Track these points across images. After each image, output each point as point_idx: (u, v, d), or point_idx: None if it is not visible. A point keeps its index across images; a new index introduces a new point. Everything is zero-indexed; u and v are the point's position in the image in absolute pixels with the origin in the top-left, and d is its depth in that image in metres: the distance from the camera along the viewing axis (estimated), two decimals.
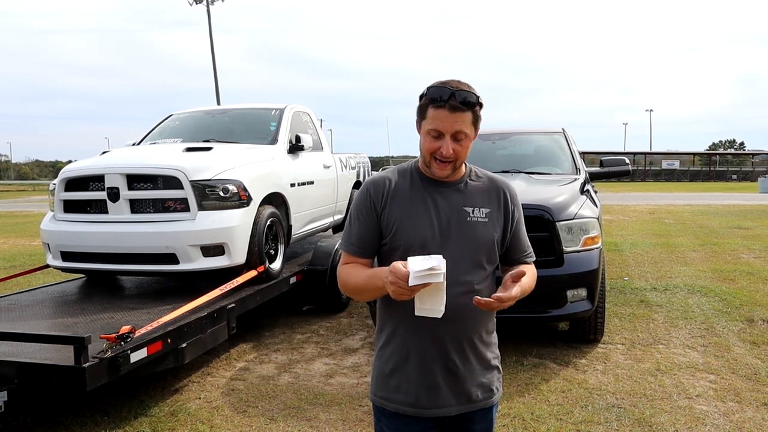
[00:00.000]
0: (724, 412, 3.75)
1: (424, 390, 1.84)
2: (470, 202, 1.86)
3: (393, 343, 1.88)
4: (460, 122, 1.75)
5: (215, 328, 4.39)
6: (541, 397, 4.03)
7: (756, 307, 6.14)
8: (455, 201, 1.86)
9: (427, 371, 1.83)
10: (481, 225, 1.85)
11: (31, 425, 3.81)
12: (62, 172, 5.14)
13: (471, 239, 1.83)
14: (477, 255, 1.84)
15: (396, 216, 1.84)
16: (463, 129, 1.76)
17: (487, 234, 1.85)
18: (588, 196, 5.23)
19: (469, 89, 1.76)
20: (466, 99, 1.74)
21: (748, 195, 28.00)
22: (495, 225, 1.87)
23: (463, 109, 1.74)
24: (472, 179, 1.91)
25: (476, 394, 1.88)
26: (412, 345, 1.84)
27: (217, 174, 4.86)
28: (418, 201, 1.85)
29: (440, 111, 1.74)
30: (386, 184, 1.89)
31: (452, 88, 1.74)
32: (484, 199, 1.88)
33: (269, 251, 5.39)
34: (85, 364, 3.20)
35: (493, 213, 1.88)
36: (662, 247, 10.62)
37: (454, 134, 1.76)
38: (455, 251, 1.80)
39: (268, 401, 4.11)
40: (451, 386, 1.85)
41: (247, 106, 7.08)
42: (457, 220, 1.83)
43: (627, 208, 20.13)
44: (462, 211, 1.84)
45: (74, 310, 4.60)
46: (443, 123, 1.75)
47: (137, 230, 4.77)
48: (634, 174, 55.34)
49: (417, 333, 1.83)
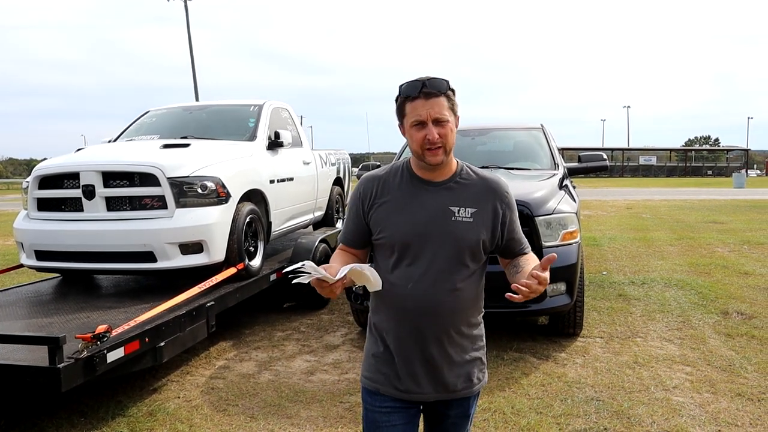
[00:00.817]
0: (700, 403, 3.81)
1: (403, 376, 1.93)
2: (457, 202, 1.90)
3: (379, 327, 1.99)
4: (437, 107, 1.82)
5: (194, 327, 4.34)
6: (521, 391, 4.06)
7: (730, 300, 6.24)
8: (442, 200, 1.90)
9: (407, 360, 1.92)
10: (464, 225, 1.88)
11: (4, 428, 3.74)
12: (36, 169, 5.05)
13: (454, 239, 1.87)
14: (459, 254, 1.88)
15: (382, 214, 1.93)
16: (442, 112, 1.83)
17: (471, 234, 1.88)
18: (566, 191, 5.26)
19: (438, 78, 1.85)
20: (436, 85, 1.83)
21: (722, 190, 28.49)
22: (481, 225, 1.90)
23: (436, 94, 1.82)
24: (463, 178, 1.95)
25: (455, 384, 1.95)
26: (395, 333, 1.93)
27: (194, 171, 4.81)
28: (404, 199, 1.92)
29: (416, 102, 1.83)
30: (376, 182, 1.97)
31: (422, 79, 1.84)
32: (472, 199, 1.92)
33: (249, 248, 5.35)
34: (60, 365, 3.13)
35: (479, 213, 1.91)
36: (640, 241, 10.75)
37: (435, 119, 1.82)
38: (437, 250, 1.87)
39: (249, 399, 4.09)
40: (430, 376, 1.92)
41: (225, 102, 7.02)
42: (441, 220, 1.88)
43: (605, 203, 20.35)
44: (447, 211, 1.89)
45: (49, 310, 4.52)
46: (422, 111, 1.82)
47: (114, 228, 4.70)
48: (612, 169, 55.97)
49: (399, 323, 1.92)
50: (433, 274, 1.87)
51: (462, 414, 2.04)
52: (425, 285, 1.87)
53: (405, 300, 1.89)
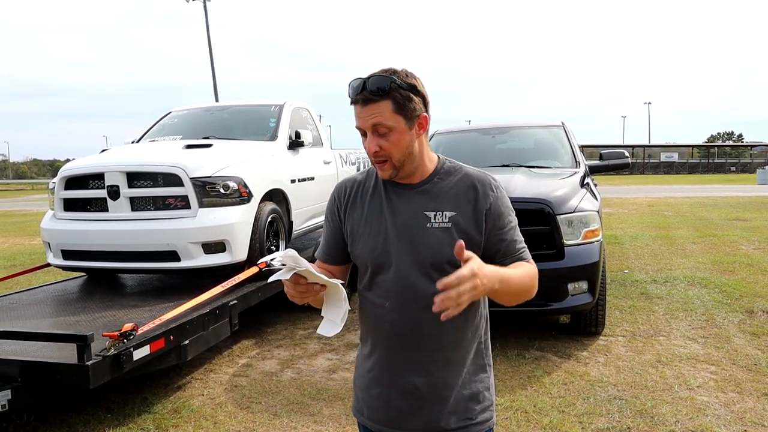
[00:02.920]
0: (724, 403, 3.77)
1: (385, 409, 1.68)
2: (432, 206, 1.61)
3: (362, 354, 1.76)
4: (375, 114, 1.53)
5: (217, 325, 4.40)
6: (543, 390, 4.05)
7: (756, 298, 6.15)
8: (415, 204, 1.63)
9: (386, 390, 1.67)
10: (441, 231, 1.59)
11: (34, 423, 3.82)
12: (62, 170, 5.14)
13: (428, 248, 1.58)
14: (436, 265, 1.58)
15: (352, 221, 1.70)
16: (380, 121, 1.54)
17: (448, 242, 1.55)
18: (588, 189, 5.23)
19: (385, 73, 1.54)
20: (376, 85, 1.52)
21: (746, 186, 28.04)
22: (461, 230, 1.59)
23: (375, 99, 1.52)
24: (440, 178, 1.66)
25: (447, 422, 1.64)
26: (373, 360, 1.70)
27: (217, 171, 4.86)
28: (374, 206, 1.67)
29: (357, 107, 1.56)
30: (349, 187, 1.74)
31: (364, 78, 1.54)
32: (451, 201, 1.62)
33: (270, 247, 5.39)
34: (89, 362, 3.20)
35: (459, 216, 1.60)
36: (662, 239, 10.64)
37: (374, 128, 1.55)
38: (408, 261, 1.60)
39: (272, 397, 4.13)
40: (414, 409, 1.64)
41: (246, 102, 7.08)
42: (414, 227, 1.61)
43: (626, 200, 20.15)
44: (421, 216, 1.61)
45: (76, 309, 4.60)
46: (360, 119, 1.57)
47: (138, 228, 4.78)
48: (633, 167, 55.38)
49: (377, 348, 1.69)
50: (411, 290, 1.59)
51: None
52: (403, 303, 1.60)
53: (382, 321, 1.64)
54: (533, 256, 1.69)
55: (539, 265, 1.71)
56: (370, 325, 1.70)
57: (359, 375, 1.77)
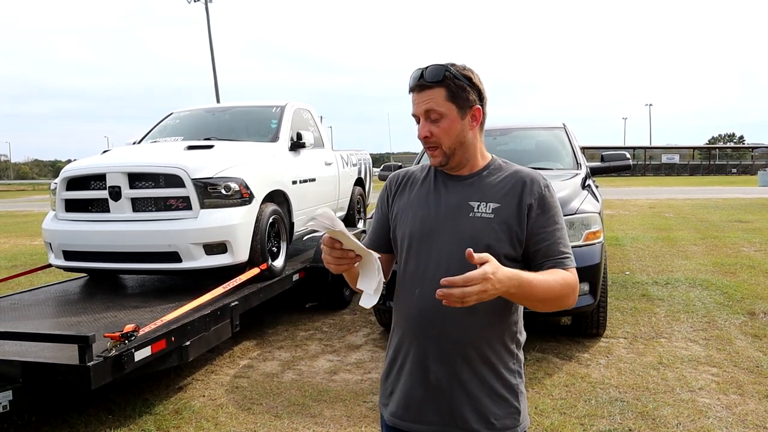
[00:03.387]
0: (726, 405, 3.76)
1: (406, 400, 1.66)
2: (478, 196, 1.63)
3: (391, 345, 1.75)
4: (429, 100, 1.60)
5: (218, 326, 4.40)
6: (544, 392, 4.04)
7: (757, 300, 6.15)
8: (462, 195, 1.65)
9: (410, 381, 1.65)
10: (483, 221, 1.59)
11: (36, 424, 3.82)
12: (63, 171, 5.15)
13: (468, 236, 1.58)
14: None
15: (398, 207, 1.74)
16: (432, 107, 1.60)
17: (488, 232, 1.58)
18: (589, 191, 5.23)
19: (439, 63, 1.61)
20: (431, 73, 1.59)
21: (748, 188, 28.03)
22: (503, 222, 1.59)
23: (430, 86, 1.59)
24: (492, 172, 1.68)
25: (466, 419, 1.60)
26: (401, 350, 1.69)
27: (218, 172, 4.86)
28: (421, 193, 1.71)
29: (413, 95, 1.64)
30: (403, 176, 1.80)
31: (423, 67, 1.62)
32: (497, 193, 1.63)
33: (272, 249, 5.40)
34: (90, 363, 3.20)
35: (503, 208, 1.60)
36: (663, 241, 10.63)
37: (426, 114, 1.61)
38: (447, 249, 1.60)
39: (273, 398, 4.13)
40: (433, 402, 1.62)
41: (247, 103, 7.09)
42: (457, 215, 1.62)
43: (627, 202, 20.15)
44: (465, 206, 1.62)
45: (77, 309, 4.60)
46: (415, 106, 1.64)
47: (139, 229, 4.78)
48: (634, 168, 55.33)
49: (405, 338, 1.67)
50: (436, 278, 1.48)
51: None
52: (433, 291, 1.46)
53: (411, 307, 1.64)
54: None
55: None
56: (400, 313, 1.71)
57: (386, 367, 1.76)
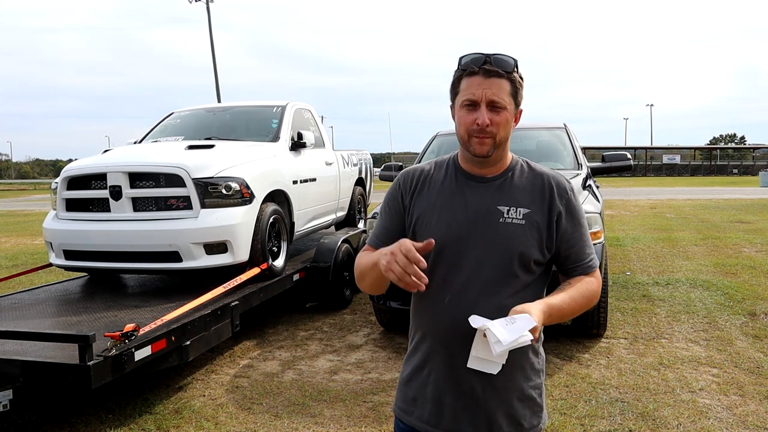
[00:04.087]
0: (727, 406, 3.76)
1: (436, 408, 1.64)
2: (507, 200, 1.61)
3: (415, 352, 1.71)
4: (495, 88, 1.55)
5: (219, 326, 4.40)
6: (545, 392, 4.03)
7: (758, 301, 6.14)
8: (489, 198, 1.62)
9: (441, 389, 1.63)
10: (515, 227, 1.58)
11: (36, 423, 3.82)
12: (64, 170, 5.15)
13: (500, 243, 1.58)
14: (508, 262, 1.58)
15: (419, 209, 1.66)
16: (499, 96, 1.55)
17: (521, 239, 1.58)
18: (590, 191, 5.23)
19: (506, 55, 1.58)
20: (501, 63, 1.56)
21: (749, 189, 28.02)
22: (534, 228, 1.60)
23: (499, 74, 1.55)
24: (517, 173, 1.66)
25: (499, 424, 1.61)
26: (429, 358, 1.65)
27: (219, 172, 4.86)
28: (446, 195, 1.65)
29: (474, 78, 1.56)
30: (418, 174, 1.72)
31: (486, 54, 1.57)
32: (526, 197, 1.62)
33: (272, 248, 5.39)
34: (90, 363, 3.20)
35: (534, 214, 1.60)
36: (664, 241, 10.63)
37: (490, 102, 1.55)
38: (478, 256, 1.58)
39: (273, 398, 4.12)
40: (467, 411, 1.61)
41: (248, 103, 7.08)
42: (487, 221, 1.59)
43: (628, 202, 20.14)
44: (495, 211, 1.60)
45: (78, 309, 4.60)
46: (477, 90, 1.55)
47: (140, 228, 4.78)
48: (635, 169, 55.32)
49: (432, 347, 1.64)
50: (475, 285, 1.57)
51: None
52: (466, 299, 1.56)
53: (440, 315, 1.60)
54: None
55: None
56: (425, 320, 1.66)
57: (408, 371, 1.72)
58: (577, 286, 1.63)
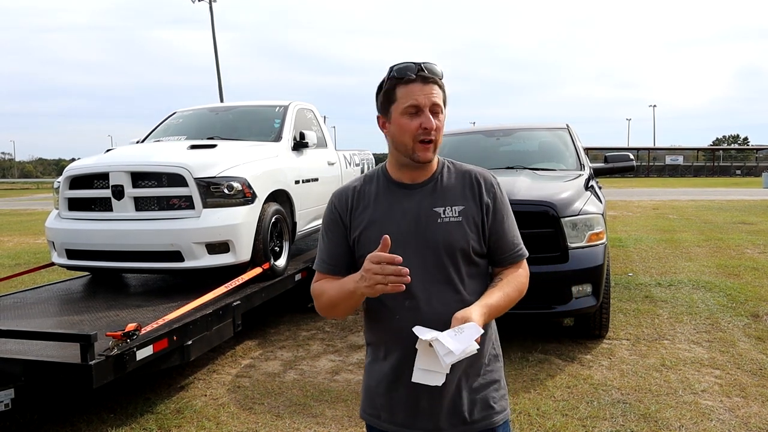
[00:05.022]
0: (729, 407, 3.75)
1: (410, 410, 1.69)
2: (441, 201, 1.69)
3: (377, 359, 1.76)
4: (435, 94, 1.64)
5: (221, 326, 4.40)
6: (546, 393, 4.03)
7: (761, 303, 6.12)
8: (425, 203, 1.69)
9: (412, 392, 1.66)
10: (453, 225, 1.67)
11: (37, 422, 3.83)
12: (67, 170, 5.15)
13: (442, 243, 1.66)
14: (453, 261, 1.67)
15: (360, 225, 1.71)
16: (438, 102, 1.64)
17: (461, 234, 1.67)
18: (592, 191, 5.22)
19: (434, 63, 1.67)
20: (433, 70, 1.65)
21: (752, 190, 27.94)
22: (471, 223, 1.69)
23: (434, 80, 1.64)
24: (444, 175, 1.74)
25: (471, 413, 1.70)
26: (395, 363, 1.70)
27: (221, 171, 4.86)
28: (383, 206, 1.71)
29: (412, 85, 1.62)
30: (350, 192, 1.76)
31: (417, 62, 1.65)
32: (457, 196, 1.70)
33: (274, 248, 5.39)
34: (92, 362, 3.20)
35: (468, 210, 1.69)
36: (666, 242, 10.61)
37: (432, 107, 1.63)
38: (425, 258, 1.65)
39: (274, 398, 4.12)
40: (440, 407, 1.67)
41: (251, 103, 7.09)
42: (426, 224, 1.67)
43: (631, 203, 20.11)
44: (432, 213, 1.67)
45: (79, 308, 4.61)
46: (419, 96, 1.62)
47: (142, 228, 4.78)
48: (638, 169, 55.18)
49: (396, 350, 1.69)
50: (429, 288, 1.64)
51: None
52: (423, 302, 1.64)
53: (401, 321, 1.65)
54: (537, 259, 1.78)
55: (543, 267, 1.82)
56: (386, 327, 1.71)
57: (375, 379, 1.76)
58: (509, 281, 1.71)
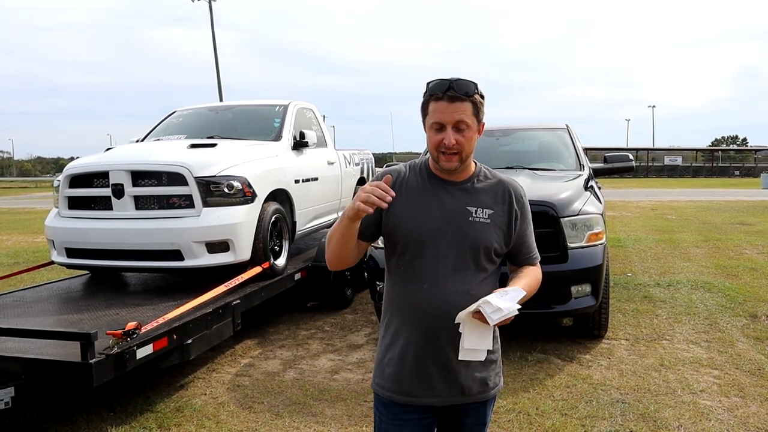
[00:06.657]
0: (728, 407, 3.76)
1: (416, 380, 1.88)
2: (474, 202, 1.88)
3: (391, 333, 1.94)
4: (460, 112, 1.79)
5: (220, 325, 4.40)
6: (545, 393, 4.04)
7: (759, 303, 6.14)
8: (460, 200, 1.88)
9: (421, 363, 1.87)
10: (481, 225, 1.86)
11: (37, 421, 3.83)
12: (67, 168, 5.15)
13: (471, 238, 1.85)
14: (476, 255, 1.86)
15: (399, 210, 1.86)
16: (463, 118, 1.79)
17: (487, 235, 1.87)
18: (592, 192, 5.23)
19: (467, 80, 1.81)
20: (463, 88, 1.78)
21: (750, 191, 27.99)
22: (497, 226, 1.89)
23: (461, 99, 1.78)
24: (480, 179, 1.93)
25: (470, 387, 1.90)
26: (407, 337, 1.89)
27: (221, 170, 4.87)
28: (422, 197, 1.89)
29: (439, 103, 1.79)
30: (394, 175, 1.91)
31: (449, 80, 1.80)
32: (490, 200, 1.90)
33: (274, 247, 5.40)
34: (92, 360, 3.20)
35: (496, 214, 1.89)
36: (665, 242, 10.62)
37: (455, 124, 1.79)
38: (453, 249, 1.85)
39: (274, 397, 4.13)
40: (445, 378, 1.88)
41: (250, 102, 7.09)
42: (459, 220, 1.86)
43: (630, 203, 20.13)
44: (465, 211, 1.87)
45: (79, 307, 4.61)
46: (443, 114, 1.79)
47: (142, 227, 4.78)
48: (637, 170, 55.10)
49: (413, 327, 1.88)
50: (449, 274, 1.84)
51: (478, 422, 1.99)
52: (441, 285, 1.84)
53: (420, 300, 1.86)
54: None
55: (542, 267, 1.91)
56: (403, 304, 1.91)
57: (389, 351, 1.94)
58: (529, 274, 1.95)
